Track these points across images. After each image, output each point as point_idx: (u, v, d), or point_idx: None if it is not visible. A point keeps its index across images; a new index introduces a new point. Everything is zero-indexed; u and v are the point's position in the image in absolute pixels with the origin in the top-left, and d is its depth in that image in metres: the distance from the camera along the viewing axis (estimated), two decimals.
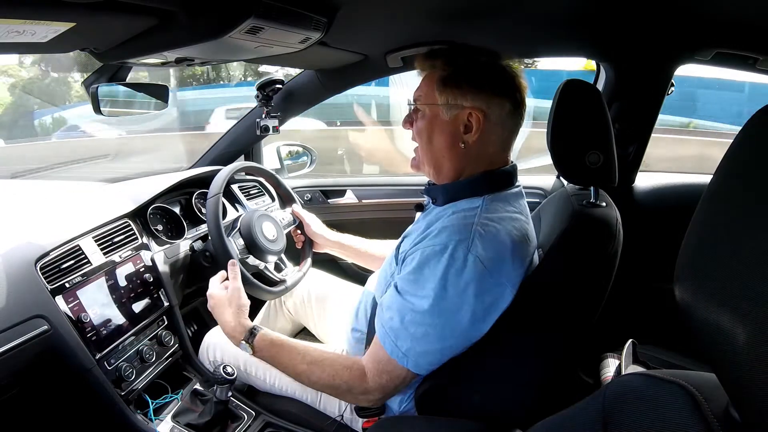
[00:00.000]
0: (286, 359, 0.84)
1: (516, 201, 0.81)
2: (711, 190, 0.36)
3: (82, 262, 0.94)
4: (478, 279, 0.71)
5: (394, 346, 0.75)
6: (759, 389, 0.29)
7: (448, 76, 0.78)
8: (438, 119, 0.79)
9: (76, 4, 0.60)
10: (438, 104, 0.79)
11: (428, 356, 0.75)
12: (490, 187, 0.79)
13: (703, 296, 0.34)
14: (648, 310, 1.29)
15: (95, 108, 1.01)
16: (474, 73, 0.78)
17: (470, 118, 0.77)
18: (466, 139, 0.78)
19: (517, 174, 0.84)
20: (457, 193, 0.81)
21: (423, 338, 0.73)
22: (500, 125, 0.79)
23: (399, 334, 0.74)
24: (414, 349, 0.74)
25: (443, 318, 0.72)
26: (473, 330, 0.74)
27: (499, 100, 0.78)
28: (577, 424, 0.43)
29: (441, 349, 0.75)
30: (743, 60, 1.12)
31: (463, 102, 0.77)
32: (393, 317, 0.75)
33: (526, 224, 0.80)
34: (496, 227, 0.74)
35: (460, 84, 0.77)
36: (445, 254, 0.71)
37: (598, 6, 0.91)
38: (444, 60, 0.80)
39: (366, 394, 0.79)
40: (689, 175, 1.48)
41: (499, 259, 0.72)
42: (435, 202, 0.84)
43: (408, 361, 0.74)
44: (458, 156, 0.80)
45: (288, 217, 1.31)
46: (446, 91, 0.78)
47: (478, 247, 0.71)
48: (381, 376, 0.77)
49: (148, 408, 0.97)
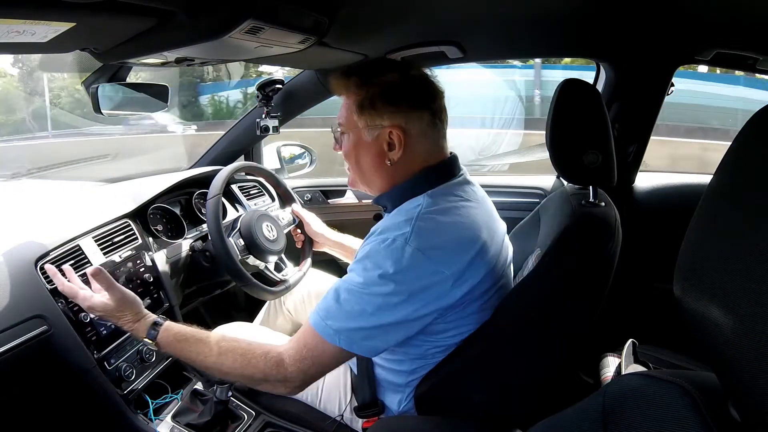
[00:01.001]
0: (193, 353, 0.79)
1: (460, 189, 0.81)
2: (711, 189, 0.36)
3: (82, 262, 0.94)
4: (414, 265, 0.71)
5: (325, 325, 0.73)
6: (759, 390, 0.29)
7: (363, 99, 0.80)
8: (361, 141, 0.81)
9: (76, 4, 0.60)
10: (359, 127, 0.80)
11: (363, 333, 0.73)
12: (432, 182, 0.80)
13: (704, 296, 0.34)
14: (648, 310, 1.29)
15: (95, 108, 1.01)
16: (387, 92, 0.79)
17: (391, 136, 0.78)
18: (391, 157, 0.79)
19: (459, 163, 0.85)
20: (401, 196, 0.81)
21: (359, 315, 0.72)
22: (422, 136, 0.80)
23: (331, 312, 0.74)
24: (348, 325, 0.72)
25: (378, 298, 0.71)
26: (409, 313, 0.72)
27: (418, 113, 0.79)
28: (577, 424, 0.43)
29: (378, 328, 0.73)
30: (743, 60, 1.12)
31: (381, 122, 0.78)
32: (327, 297, 0.75)
33: (474, 209, 0.79)
34: (436, 219, 0.74)
35: (375, 105, 0.78)
36: (384, 244, 0.72)
37: (598, 6, 0.92)
38: (356, 81, 0.81)
39: (284, 382, 0.76)
40: (689, 175, 1.49)
41: (438, 248, 0.72)
42: (386, 210, 0.86)
43: (340, 339, 0.73)
44: (387, 172, 0.81)
45: (288, 217, 1.31)
46: (364, 114, 0.79)
47: (417, 240, 0.71)
48: (303, 361, 0.75)
49: (148, 408, 0.97)
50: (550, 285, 0.77)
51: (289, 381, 0.76)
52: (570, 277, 0.77)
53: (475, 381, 0.79)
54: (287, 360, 0.76)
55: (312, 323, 0.75)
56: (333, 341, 0.73)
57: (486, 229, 0.78)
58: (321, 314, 0.74)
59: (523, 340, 0.78)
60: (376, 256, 0.72)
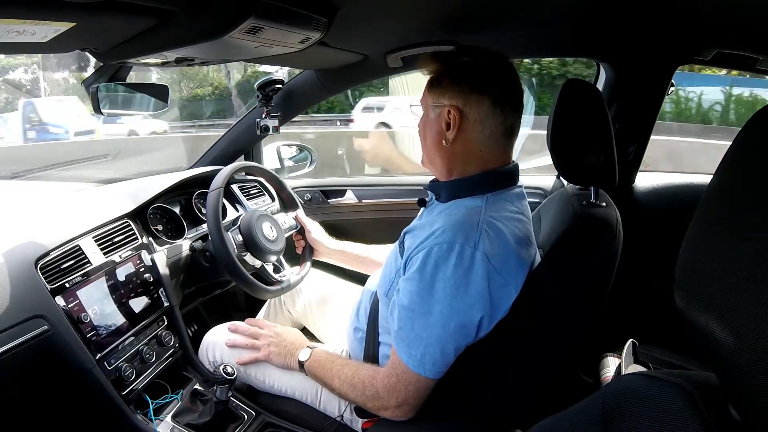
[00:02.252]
0: (326, 379, 0.88)
1: (518, 201, 0.81)
2: (711, 189, 0.36)
3: (82, 262, 0.94)
4: (487, 277, 0.71)
5: (409, 355, 0.74)
6: (759, 390, 0.29)
7: (434, 77, 0.81)
8: (428, 119, 0.83)
9: (76, 4, 0.60)
10: (427, 104, 0.82)
11: (444, 358, 0.74)
12: (492, 185, 0.80)
13: (704, 297, 0.34)
14: (648, 310, 1.29)
15: (95, 108, 1.01)
16: (454, 71, 0.80)
17: (449, 116, 0.79)
18: (447, 137, 0.80)
19: (519, 174, 0.84)
20: (459, 190, 0.81)
21: (437, 342, 0.73)
22: (479, 122, 0.78)
23: (411, 341, 0.74)
24: (428, 353, 0.73)
25: (455, 319, 0.72)
26: (481, 329, 0.74)
27: (477, 97, 0.78)
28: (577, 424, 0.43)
29: (456, 350, 0.75)
30: (743, 60, 1.12)
31: (443, 101, 0.79)
32: (404, 325, 0.75)
33: (528, 225, 0.80)
34: (500, 226, 0.74)
35: (442, 83, 0.80)
36: (453, 253, 0.71)
37: (598, 6, 0.91)
38: (437, 62, 0.82)
39: (395, 408, 0.78)
40: (689, 175, 1.49)
41: (505, 258, 0.72)
42: (438, 198, 0.85)
43: (425, 368, 0.74)
44: (444, 153, 0.82)
45: (290, 221, 1.31)
46: (432, 91, 0.81)
47: (486, 245, 0.71)
48: (405, 391, 0.76)
49: (148, 408, 0.97)
50: (551, 285, 0.77)
51: (398, 408, 0.78)
52: (571, 277, 0.77)
53: (475, 381, 0.79)
54: (384, 391, 0.78)
55: (396, 351, 0.76)
56: (419, 371, 0.74)
57: (535, 249, 0.80)
58: (403, 346, 0.75)
59: (523, 340, 0.78)
60: (443, 268, 0.72)
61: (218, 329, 1.11)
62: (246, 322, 1.07)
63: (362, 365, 0.86)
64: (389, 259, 0.90)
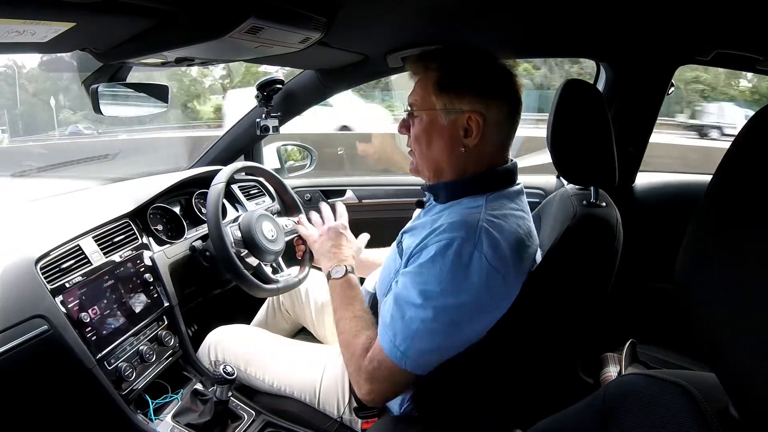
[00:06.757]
0: (337, 316, 0.87)
1: (518, 198, 0.81)
2: (711, 189, 0.36)
3: (82, 262, 0.94)
4: (485, 276, 0.70)
5: (393, 345, 0.73)
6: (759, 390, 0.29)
7: (445, 80, 0.77)
8: (436, 124, 0.78)
9: (76, 4, 0.60)
10: (436, 109, 0.78)
11: (429, 354, 0.73)
12: (492, 185, 0.79)
13: (704, 297, 0.34)
14: (648, 310, 1.29)
15: (95, 108, 1.01)
16: (472, 76, 0.77)
17: (470, 122, 0.76)
18: (467, 143, 0.77)
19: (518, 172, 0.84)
20: (459, 190, 0.80)
21: (426, 335, 0.72)
22: (498, 126, 0.78)
23: (398, 331, 0.73)
24: (414, 347, 0.72)
25: (448, 315, 0.71)
26: (476, 327, 0.73)
27: (498, 103, 0.77)
28: (577, 424, 0.44)
29: (442, 348, 0.73)
30: (743, 60, 1.12)
31: (461, 106, 0.76)
32: (394, 315, 0.74)
33: (529, 222, 0.79)
34: (501, 224, 0.73)
35: (458, 87, 0.76)
36: (451, 250, 0.70)
37: (598, 6, 0.91)
38: (439, 62, 0.79)
39: (366, 394, 0.78)
40: (689, 175, 1.49)
41: (505, 257, 0.72)
42: (437, 200, 0.84)
43: (407, 362, 0.73)
44: (458, 160, 0.79)
45: (291, 225, 1.30)
46: (443, 95, 0.77)
47: (484, 244, 0.70)
48: (381, 379, 0.76)
49: (148, 408, 0.97)
50: (551, 285, 0.77)
51: (369, 394, 0.78)
52: (571, 277, 0.77)
53: (475, 381, 0.79)
54: (365, 374, 0.77)
55: (380, 339, 0.76)
56: (400, 364, 0.73)
57: (536, 246, 0.79)
58: (389, 333, 0.74)
59: (523, 340, 0.78)
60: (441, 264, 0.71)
61: (220, 329, 1.11)
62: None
63: (364, 332, 0.81)
64: (388, 260, 0.90)
